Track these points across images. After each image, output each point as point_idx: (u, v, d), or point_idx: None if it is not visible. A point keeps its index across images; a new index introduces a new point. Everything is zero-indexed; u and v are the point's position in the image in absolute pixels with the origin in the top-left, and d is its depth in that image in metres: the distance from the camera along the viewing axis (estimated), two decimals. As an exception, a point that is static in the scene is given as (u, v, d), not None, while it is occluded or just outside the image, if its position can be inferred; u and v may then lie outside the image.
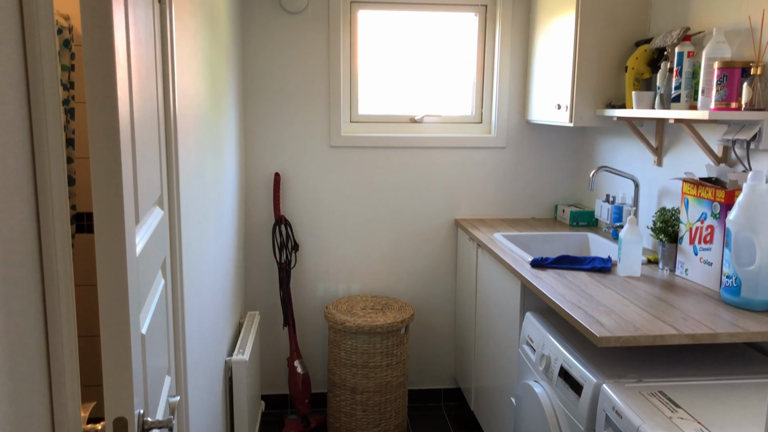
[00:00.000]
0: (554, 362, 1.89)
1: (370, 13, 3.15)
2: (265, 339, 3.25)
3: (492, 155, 3.24)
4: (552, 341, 1.94)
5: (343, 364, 2.90)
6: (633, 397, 1.52)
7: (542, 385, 1.97)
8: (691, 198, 2.07)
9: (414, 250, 3.28)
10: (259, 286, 3.21)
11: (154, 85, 1.33)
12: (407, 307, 3.05)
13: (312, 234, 3.20)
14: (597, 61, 2.57)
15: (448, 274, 3.31)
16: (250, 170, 3.13)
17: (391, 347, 2.89)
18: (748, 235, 1.78)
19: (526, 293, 2.27)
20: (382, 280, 3.28)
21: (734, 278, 1.82)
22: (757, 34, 1.91)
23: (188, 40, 1.78)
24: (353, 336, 2.85)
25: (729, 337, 1.64)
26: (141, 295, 1.06)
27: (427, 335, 3.35)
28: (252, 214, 3.16)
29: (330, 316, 2.92)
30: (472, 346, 2.98)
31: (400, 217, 3.24)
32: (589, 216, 3.04)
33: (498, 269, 2.54)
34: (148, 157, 1.20)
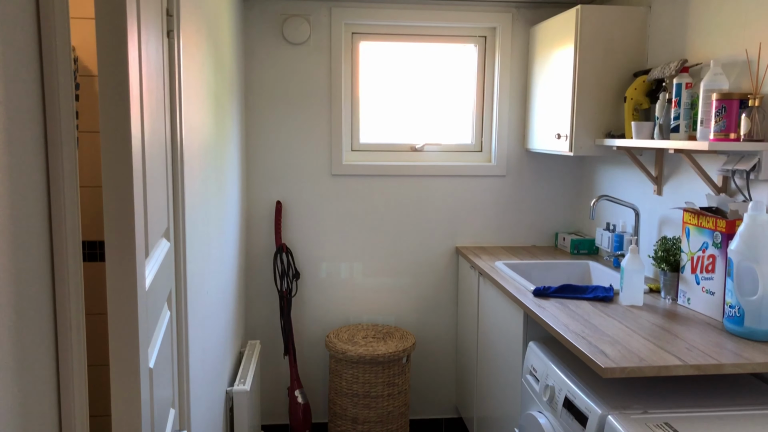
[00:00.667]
0: (558, 393, 1.88)
1: (371, 44, 3.20)
2: (266, 368, 3.22)
3: (492, 183, 3.26)
4: (556, 371, 1.93)
5: (344, 393, 2.87)
6: (639, 429, 1.51)
7: (546, 416, 1.96)
8: (692, 227, 2.08)
9: (415, 278, 3.28)
10: (260, 314, 3.20)
11: (163, 117, 1.34)
12: (409, 336, 3.04)
13: (313, 262, 3.20)
14: (596, 92, 2.61)
15: (450, 301, 3.31)
16: (251, 198, 3.14)
17: (393, 377, 2.88)
18: (750, 265, 1.79)
19: (529, 322, 2.27)
20: (384, 308, 3.27)
21: (737, 308, 1.83)
22: (754, 67, 1.94)
23: (194, 72, 1.81)
24: (354, 365, 2.84)
25: (734, 368, 1.63)
26: (149, 329, 1.06)
27: (428, 364, 3.33)
28: (253, 242, 3.16)
29: (331, 345, 2.91)
30: (474, 375, 2.96)
31: (401, 245, 3.25)
32: (590, 244, 3.05)
33: (500, 298, 2.54)
34: (157, 189, 1.21)
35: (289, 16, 3.05)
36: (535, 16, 3.16)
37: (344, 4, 3.07)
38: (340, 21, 3.09)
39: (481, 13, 3.13)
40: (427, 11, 3.10)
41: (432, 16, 3.11)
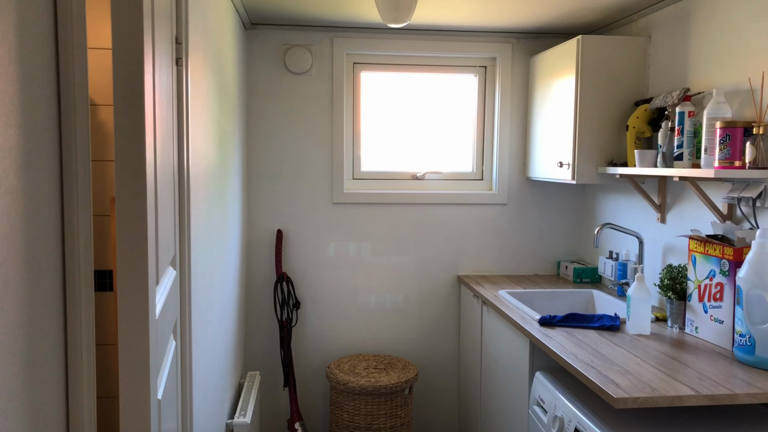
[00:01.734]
0: (568, 424, 1.84)
1: (372, 74, 3.22)
2: (266, 400, 3.17)
3: (493, 212, 3.25)
4: (564, 402, 1.90)
5: (345, 426, 2.82)
6: (654, 462, 1.48)
7: (556, 449, 1.92)
8: (699, 255, 2.07)
9: (417, 307, 3.25)
10: (260, 345, 3.15)
11: (172, 145, 1.33)
12: (411, 366, 3.00)
13: (314, 291, 3.17)
14: (598, 120, 2.62)
15: (452, 331, 3.27)
16: (252, 227, 3.12)
17: (395, 408, 2.83)
18: (760, 293, 1.77)
19: (535, 352, 2.24)
20: (385, 337, 3.24)
21: (748, 337, 1.81)
22: (757, 95, 1.96)
23: (200, 101, 1.81)
24: (356, 397, 2.79)
25: (748, 398, 1.61)
26: (158, 359, 1.03)
27: (430, 395, 3.28)
28: (253, 271, 3.13)
29: (332, 376, 2.86)
30: (477, 408, 2.91)
31: (402, 274, 3.22)
32: (593, 273, 3.03)
33: (504, 327, 2.51)
34: (166, 216, 1.20)
35: (291, 46, 3.07)
36: (535, 46, 3.19)
37: (346, 35, 3.10)
38: (341, 51, 3.11)
39: (482, 44, 3.16)
40: (427, 42, 3.13)
41: (432, 46, 3.14)
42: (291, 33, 3.08)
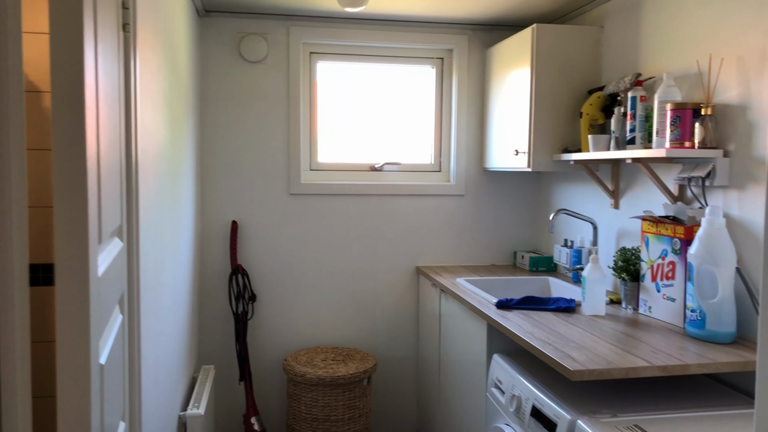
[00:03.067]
0: (525, 402, 1.84)
1: (329, 63, 3.19)
2: (221, 394, 3.09)
3: (451, 203, 3.26)
4: (522, 381, 1.90)
5: (303, 418, 2.77)
6: (610, 432, 1.49)
7: (513, 428, 1.91)
8: (651, 236, 2.11)
9: (375, 299, 3.22)
10: (215, 338, 3.07)
11: (117, 113, 1.28)
12: (369, 357, 2.97)
13: (270, 284, 3.12)
14: (552, 109, 2.65)
15: (411, 322, 3.26)
16: (206, 218, 3.05)
17: (354, 399, 2.79)
18: (709, 268, 1.81)
19: (493, 334, 2.24)
20: (343, 330, 3.20)
21: (698, 312, 1.84)
22: (705, 77, 2.00)
23: (149, 75, 1.75)
24: (314, 388, 2.74)
25: (699, 368, 1.63)
26: (101, 321, 0.98)
27: (389, 386, 3.25)
28: (208, 263, 3.06)
29: (289, 368, 2.81)
30: (436, 395, 2.90)
31: (361, 266, 3.20)
32: (548, 261, 3.06)
33: (462, 313, 2.51)
34: (110, 182, 1.14)
35: (246, 34, 3.02)
36: (491, 38, 3.22)
37: (302, 24, 3.07)
38: (298, 40, 3.08)
39: (438, 35, 3.17)
40: (384, 32, 3.13)
41: (389, 36, 3.13)
42: (246, 21, 3.03)
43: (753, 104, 1.83)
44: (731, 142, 1.91)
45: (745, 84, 1.86)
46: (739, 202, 1.89)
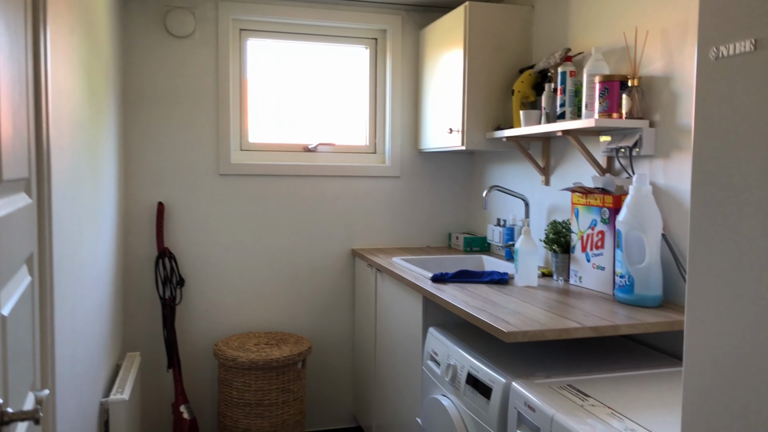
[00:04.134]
0: (461, 370, 1.83)
1: (260, 41, 3.11)
2: (148, 383, 2.95)
3: (386, 185, 3.24)
4: (457, 350, 1.89)
5: (234, 404, 2.68)
6: (543, 392, 1.49)
7: (450, 398, 1.90)
8: (581, 207, 2.15)
9: (310, 283, 3.16)
10: (141, 324, 2.93)
11: (22, 54, 1.18)
12: (304, 341, 2.91)
13: (199, 268, 3.00)
14: (485, 87, 2.67)
15: (346, 306, 3.21)
16: (131, 199, 2.91)
17: (288, 383, 2.72)
18: (637, 234, 1.85)
19: (428, 308, 2.22)
20: (277, 315, 3.12)
21: (627, 277, 1.88)
22: (632, 51, 2.05)
23: (63, 36, 1.63)
24: (246, 372, 2.66)
25: (629, 328, 1.67)
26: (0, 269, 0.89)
27: (325, 370, 3.20)
28: (133, 246, 2.91)
29: (220, 353, 2.71)
30: (372, 379, 2.87)
31: (294, 249, 3.13)
32: (482, 241, 3.08)
33: (398, 289, 2.49)
34: (7, 126, 1.05)
35: (172, 8, 2.90)
36: (424, 19, 3.21)
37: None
38: (227, 16, 2.98)
39: (371, 15, 3.14)
40: (316, 10, 3.07)
41: (321, 15, 3.08)
42: (172, -7, 2.90)
43: (676, 75, 1.89)
44: (656, 113, 1.97)
45: (668, 56, 1.92)
46: (665, 170, 1.94)
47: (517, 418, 1.52)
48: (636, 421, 1.32)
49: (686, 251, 1.79)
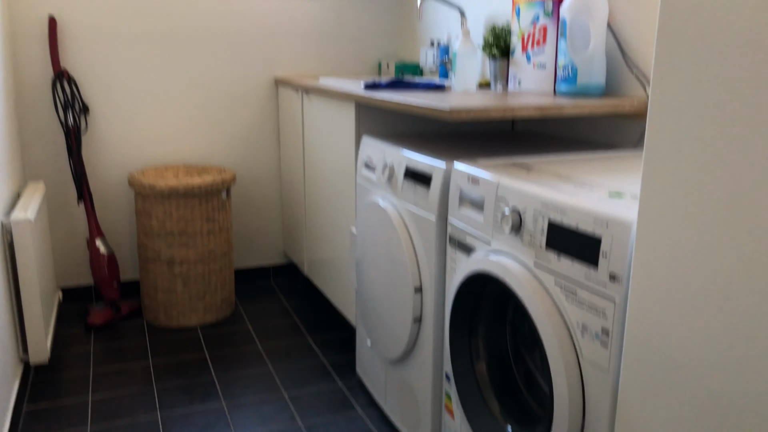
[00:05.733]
0: (398, 167, 1.74)
1: None
2: (58, 217, 2.74)
3: (311, 7, 2.97)
4: (394, 149, 1.78)
5: (155, 234, 2.53)
6: (487, 168, 1.41)
7: (388, 199, 1.82)
8: (522, 4, 2.00)
9: (231, 114, 2.94)
10: (43, 153, 2.66)
11: None
12: (227, 171, 2.74)
13: (104, 94, 2.71)
14: None
15: (271, 137, 3.03)
16: (15, 12, 2.52)
17: (212, 211, 2.58)
18: (583, 19, 1.74)
19: (361, 116, 2.08)
20: (196, 148, 2.91)
21: (570, 67, 1.79)
22: None
23: None
24: (166, 201, 2.49)
25: (574, 109, 1.59)
26: None
27: (251, 208, 3.07)
28: (24, 68, 2.57)
29: (136, 182, 2.51)
30: (302, 212, 2.77)
31: (211, 76, 2.87)
32: (415, 68, 2.93)
33: (327, 106, 2.33)
34: None
35: None
36: None
37: None
38: None
39: None
40: None
41: None
42: None
43: None
44: None
45: None
46: (613, -47, 1.80)
47: (459, 198, 1.45)
48: (586, 181, 1.27)
49: (632, 43, 1.71)
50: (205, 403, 2.04)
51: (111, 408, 2.01)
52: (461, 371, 1.47)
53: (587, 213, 1.07)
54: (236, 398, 2.07)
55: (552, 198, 1.16)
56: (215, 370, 2.26)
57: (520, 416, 1.37)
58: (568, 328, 1.13)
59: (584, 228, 1.08)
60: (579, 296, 1.09)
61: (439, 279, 1.58)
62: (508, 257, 1.27)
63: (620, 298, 1.01)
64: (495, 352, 1.45)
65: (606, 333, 1.04)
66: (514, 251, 1.26)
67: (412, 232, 1.67)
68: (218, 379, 2.19)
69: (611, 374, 1.04)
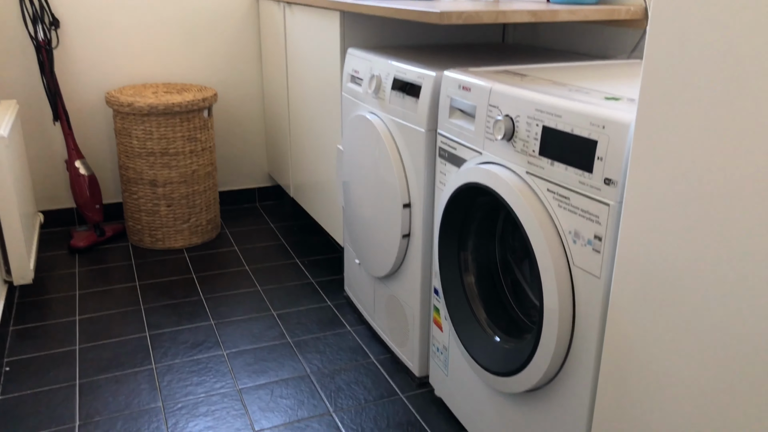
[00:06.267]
0: (385, 79, 1.67)
1: None
2: (33, 140, 2.65)
3: None
4: (381, 60, 1.71)
5: (137, 154, 2.46)
6: (479, 75, 1.35)
7: (375, 113, 1.76)
8: None
9: (210, 31, 2.81)
10: (13, 70, 2.54)
11: None
12: (208, 89, 2.64)
13: (76, 6, 2.57)
14: None
15: (252, 56, 2.92)
16: None
17: (194, 131, 2.50)
18: None
19: (347, 25, 1.99)
20: (174, 66, 2.80)
21: (566, -28, 1.70)
22: None
23: None
24: (146, 119, 2.40)
25: (568, 14, 1.52)
26: None
27: (235, 129, 2.99)
28: (-13, -22, 2.42)
29: (114, 100, 2.42)
30: (286, 126, 2.70)
31: (188, -13, 2.72)
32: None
33: (311, 17, 2.22)
34: None
35: None
36: None
37: None
38: None
39: None
40: None
41: None
42: None
43: None
44: None
45: None
46: None
47: (449, 108, 1.40)
48: (581, 86, 1.22)
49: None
50: (194, 322, 2.04)
51: (99, 327, 2.00)
52: (450, 285, 1.47)
53: (583, 115, 1.03)
54: (224, 317, 2.07)
55: (547, 102, 1.11)
56: (203, 290, 2.25)
57: (508, 327, 1.37)
58: (559, 235, 1.11)
59: (579, 132, 1.04)
60: (572, 202, 1.07)
61: (428, 193, 1.55)
62: (500, 167, 1.23)
63: (615, 203, 0.98)
64: (484, 265, 1.44)
65: (599, 238, 1.02)
66: (506, 160, 1.22)
67: (400, 146, 1.62)
68: (206, 299, 2.18)
69: (603, 281, 1.03)
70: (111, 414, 1.60)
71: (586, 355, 1.09)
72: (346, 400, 1.66)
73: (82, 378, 1.75)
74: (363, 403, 1.65)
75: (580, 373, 1.10)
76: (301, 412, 1.62)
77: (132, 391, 1.69)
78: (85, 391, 1.69)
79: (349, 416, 1.60)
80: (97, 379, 1.75)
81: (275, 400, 1.66)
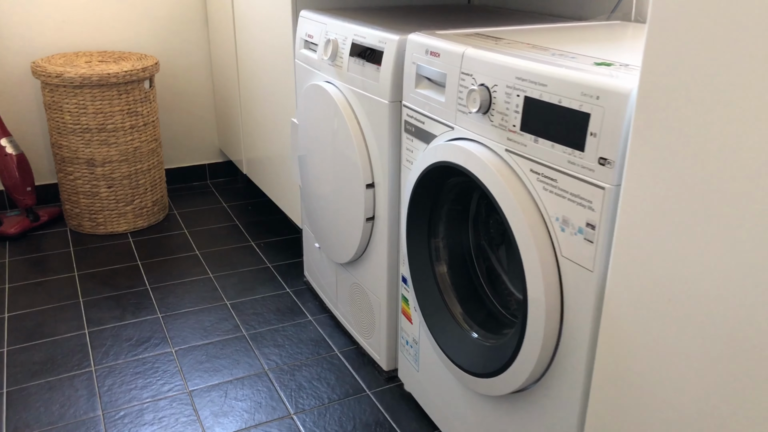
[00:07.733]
0: (343, 43, 1.49)
1: None
2: (-47, 120, 2.39)
3: None
4: (338, 22, 1.53)
5: (70, 131, 2.23)
6: (448, 38, 1.19)
7: (332, 82, 1.58)
8: None
9: (148, -9, 2.56)
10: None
11: None
12: (149, 57, 2.41)
13: (-5, -34, 2.30)
14: None
15: (198, 21, 2.68)
16: None
17: (134, 104, 2.28)
18: None
19: (298, -14, 1.80)
20: (110, 33, 2.55)
21: (540, -77, 1.54)
22: None
23: None
24: (78, 92, 2.17)
25: (546, -30, 1.37)
26: None
27: (181, 101, 2.76)
28: None
29: (41, 70, 2.18)
30: (236, 98, 2.49)
31: (122, -56, 2.46)
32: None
33: (259, -23, 2.01)
34: None
35: None
36: None
37: None
38: None
39: None
40: None
41: None
42: None
43: None
44: None
45: None
46: None
47: (415, 75, 1.24)
48: (565, 50, 1.07)
49: None
50: (138, 316, 1.86)
51: (30, 325, 1.81)
52: (419, 274, 1.32)
53: (573, 84, 0.88)
54: (173, 308, 1.90)
55: (529, 69, 0.96)
56: (149, 279, 2.06)
57: (485, 321, 1.24)
58: (545, 222, 0.97)
59: (569, 104, 0.89)
60: (560, 185, 0.93)
61: (394, 172, 1.39)
62: (475, 143, 1.08)
63: (611, 186, 0.85)
64: (457, 253, 1.30)
65: (591, 227, 0.89)
66: (482, 136, 1.07)
67: (361, 119, 1.46)
68: (152, 289, 2.00)
69: (596, 275, 0.90)
70: (43, 427, 1.43)
71: (575, 354, 0.96)
72: (308, 400, 1.52)
73: (10, 386, 1.56)
74: (327, 403, 1.52)
75: (570, 373, 0.98)
76: (258, 415, 1.47)
77: (68, 399, 1.52)
78: (13, 401, 1.51)
79: (311, 418, 1.46)
80: (27, 386, 1.56)
81: (230, 403, 1.51)
